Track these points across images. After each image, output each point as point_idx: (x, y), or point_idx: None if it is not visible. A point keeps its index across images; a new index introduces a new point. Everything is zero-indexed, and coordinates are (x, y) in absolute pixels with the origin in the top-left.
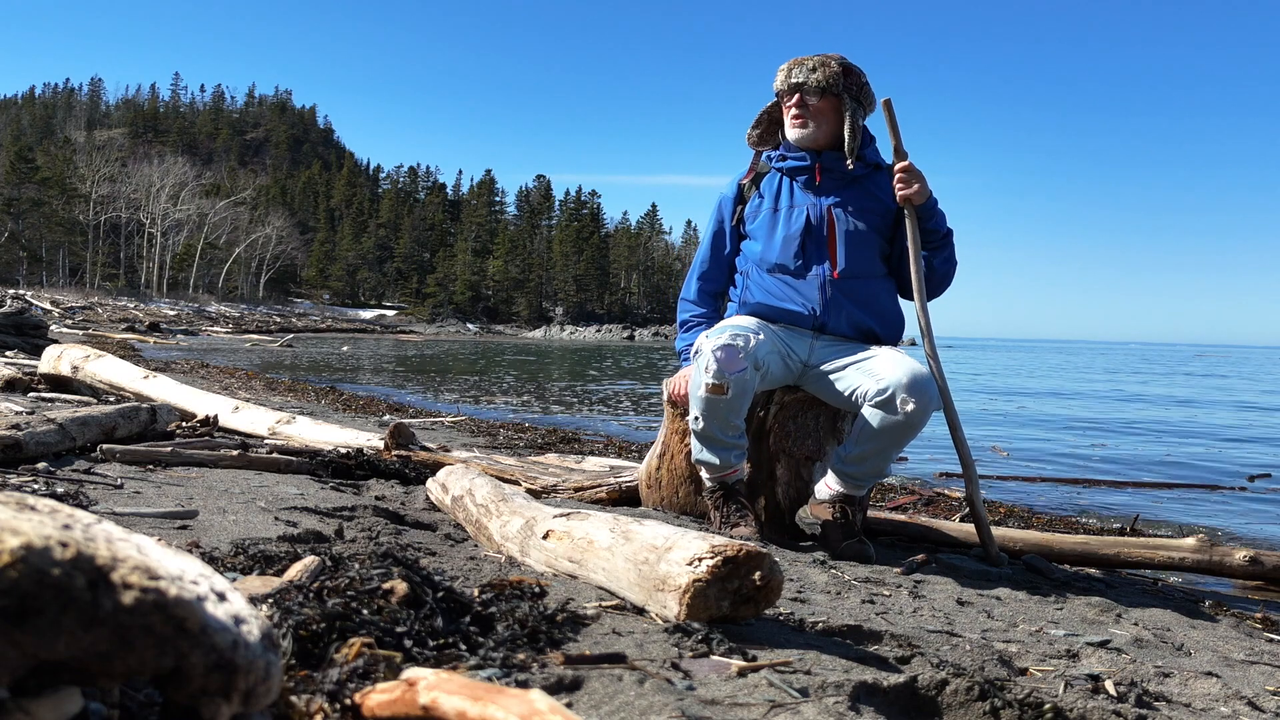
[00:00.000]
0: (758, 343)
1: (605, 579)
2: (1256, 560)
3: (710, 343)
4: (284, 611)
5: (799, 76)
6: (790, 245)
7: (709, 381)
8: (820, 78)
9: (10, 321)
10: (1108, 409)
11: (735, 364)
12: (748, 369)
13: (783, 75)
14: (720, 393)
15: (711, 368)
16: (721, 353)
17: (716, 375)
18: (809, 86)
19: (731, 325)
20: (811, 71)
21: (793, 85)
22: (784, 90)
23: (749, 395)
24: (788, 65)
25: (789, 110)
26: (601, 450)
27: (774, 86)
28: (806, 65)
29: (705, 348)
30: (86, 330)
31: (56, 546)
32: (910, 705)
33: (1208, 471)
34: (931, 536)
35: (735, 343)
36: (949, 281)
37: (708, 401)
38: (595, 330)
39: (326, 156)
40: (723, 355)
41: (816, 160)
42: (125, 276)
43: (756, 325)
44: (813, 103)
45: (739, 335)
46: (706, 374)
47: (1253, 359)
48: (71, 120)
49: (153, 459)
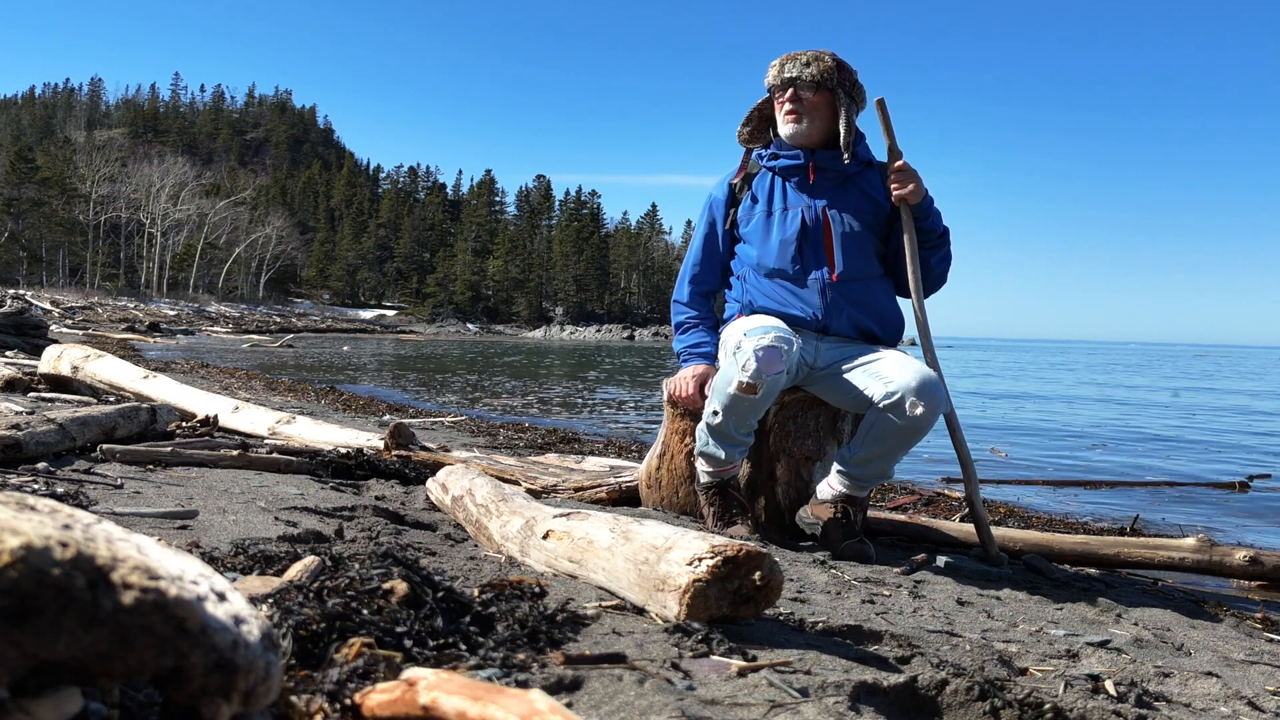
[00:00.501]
0: (797, 349)
1: (605, 579)
2: (1256, 560)
3: (752, 341)
4: (284, 611)
5: (793, 71)
6: (787, 250)
7: (744, 380)
8: (814, 72)
9: (10, 321)
10: (1107, 410)
11: (774, 366)
12: (784, 373)
13: (775, 70)
14: (752, 392)
15: (750, 367)
16: (764, 353)
17: (754, 375)
18: (803, 81)
19: (775, 327)
20: (805, 66)
21: (786, 80)
22: (777, 85)
23: (774, 398)
24: (780, 60)
25: (782, 105)
26: (601, 450)
27: (766, 82)
28: (800, 60)
29: (746, 346)
30: (86, 330)
31: (56, 546)
32: (910, 705)
33: (1208, 472)
34: (931, 536)
35: (780, 346)
36: (945, 279)
37: (735, 399)
38: (595, 330)
39: (326, 156)
40: (765, 356)
41: (810, 158)
42: (125, 276)
43: (788, 329)
44: (807, 98)
45: (783, 339)
46: (743, 372)
47: (1253, 359)
48: (71, 120)
49: (153, 459)
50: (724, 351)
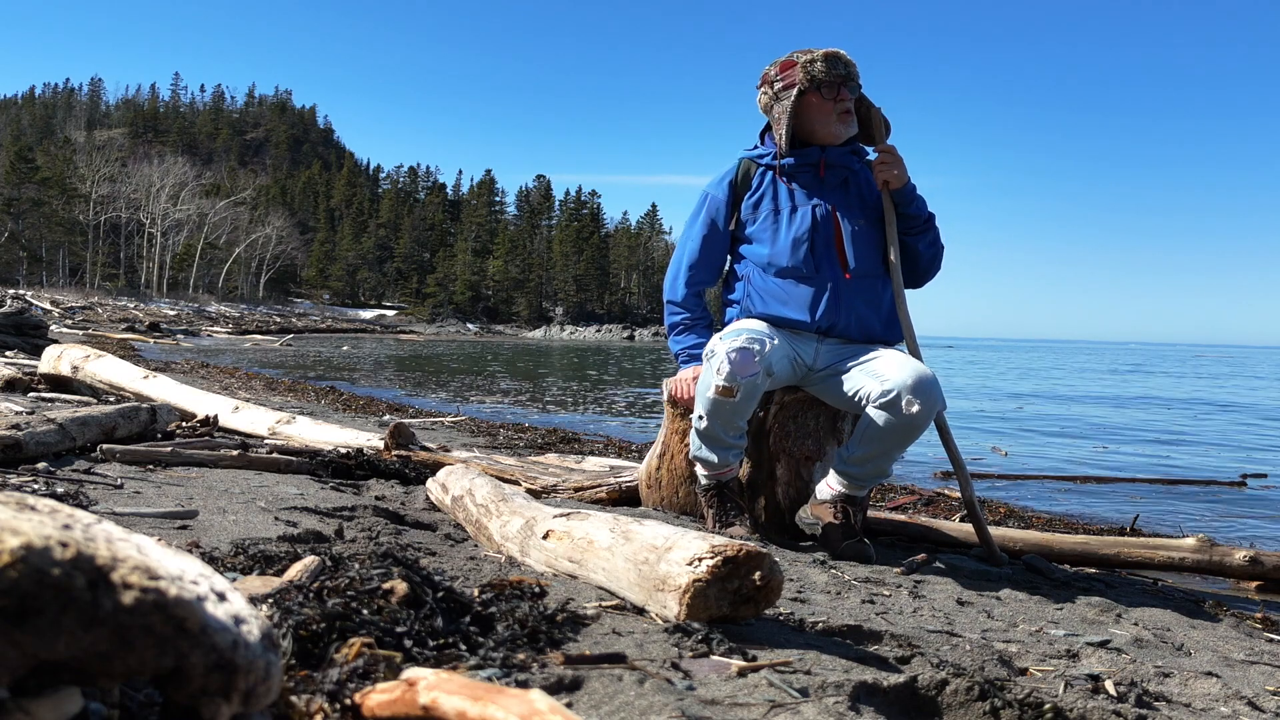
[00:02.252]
0: (772, 348)
1: (605, 579)
2: (1256, 560)
3: (725, 345)
4: (284, 611)
5: (843, 70)
6: (800, 248)
7: (720, 384)
8: (856, 73)
9: (10, 321)
10: (1107, 410)
11: (749, 368)
12: (759, 374)
13: (821, 67)
14: (729, 395)
15: (724, 370)
16: (736, 355)
17: (728, 378)
18: (853, 82)
19: (747, 329)
20: (849, 65)
21: (838, 78)
22: (826, 82)
23: (756, 399)
24: (826, 54)
25: (839, 103)
26: (601, 450)
27: (806, 76)
28: (841, 59)
29: (720, 349)
30: (86, 330)
31: (56, 546)
32: (910, 705)
33: (1209, 471)
34: (931, 536)
35: (751, 347)
36: (938, 265)
37: (715, 402)
38: (595, 330)
39: (326, 156)
40: (737, 358)
41: (821, 156)
42: (125, 276)
43: (769, 329)
44: (851, 98)
45: (755, 339)
46: (718, 375)
47: (1253, 359)
48: (71, 120)
49: (153, 459)
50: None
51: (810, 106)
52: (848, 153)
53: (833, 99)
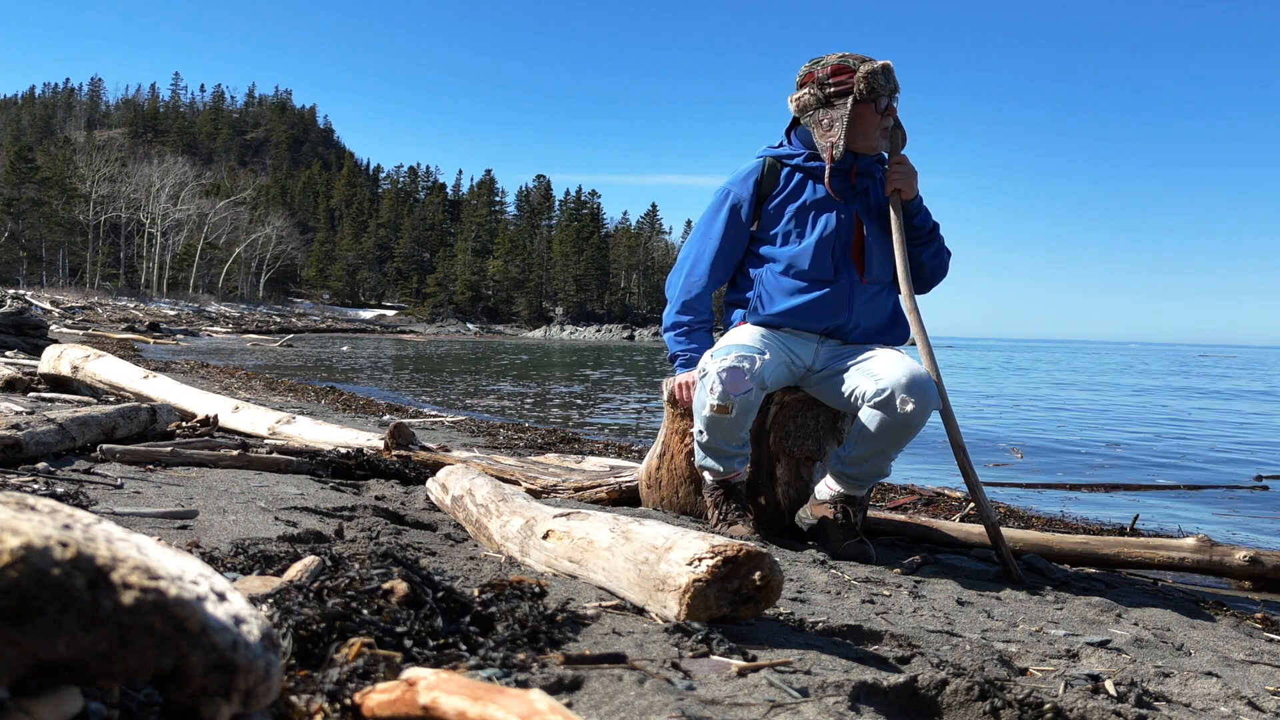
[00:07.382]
0: (763, 363)
1: (605, 579)
2: (1256, 560)
3: (715, 364)
4: (284, 611)
5: (895, 85)
6: (823, 252)
7: (714, 403)
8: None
9: (10, 321)
10: (1113, 410)
11: (740, 386)
12: (752, 390)
13: (884, 79)
14: (725, 413)
15: (717, 389)
16: (727, 375)
17: (722, 397)
18: (897, 96)
19: (737, 345)
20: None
21: (892, 92)
22: (885, 92)
23: (753, 412)
24: (885, 67)
25: (885, 117)
26: (601, 450)
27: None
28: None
29: (710, 369)
30: (86, 330)
31: (56, 546)
32: (910, 705)
33: (1217, 474)
34: (931, 536)
35: (741, 365)
36: (942, 273)
37: (712, 420)
38: (595, 330)
39: (326, 156)
40: (728, 378)
41: (854, 163)
42: (125, 276)
43: (762, 343)
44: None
45: (745, 357)
46: (711, 395)
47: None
48: (71, 120)
49: (153, 459)
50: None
51: (862, 117)
52: (874, 161)
53: (882, 112)
